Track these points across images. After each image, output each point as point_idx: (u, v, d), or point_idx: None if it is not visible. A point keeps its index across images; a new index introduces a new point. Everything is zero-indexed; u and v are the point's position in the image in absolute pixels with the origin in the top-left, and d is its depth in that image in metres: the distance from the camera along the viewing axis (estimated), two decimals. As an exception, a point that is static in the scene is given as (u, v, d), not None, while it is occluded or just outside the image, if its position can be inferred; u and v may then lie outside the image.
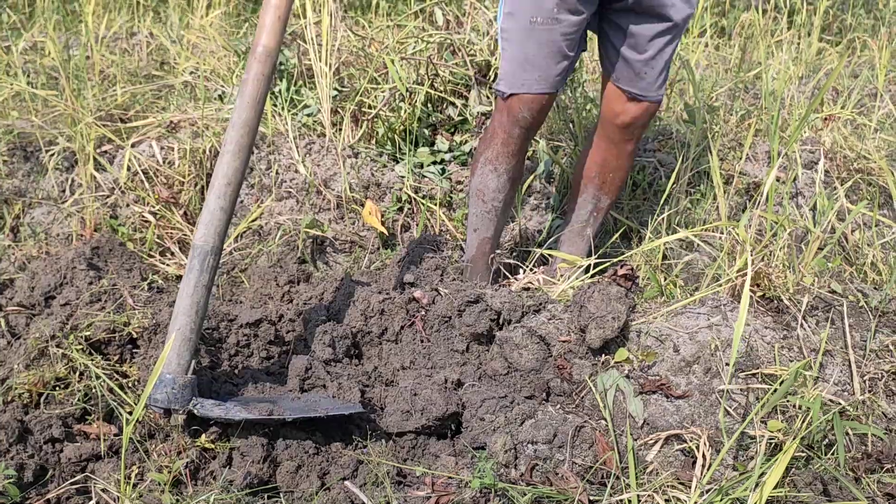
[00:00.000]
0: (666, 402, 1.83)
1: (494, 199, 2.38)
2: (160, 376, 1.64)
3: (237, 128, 1.76)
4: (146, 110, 3.08)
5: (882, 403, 1.86)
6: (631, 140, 2.33)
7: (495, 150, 2.31)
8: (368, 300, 2.17)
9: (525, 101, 2.19)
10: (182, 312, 1.69)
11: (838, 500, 1.65)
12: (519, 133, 2.26)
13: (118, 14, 4.48)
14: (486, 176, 2.36)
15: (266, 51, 1.77)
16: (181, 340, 1.67)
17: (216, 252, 1.74)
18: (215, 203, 1.75)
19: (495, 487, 1.63)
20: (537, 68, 2.15)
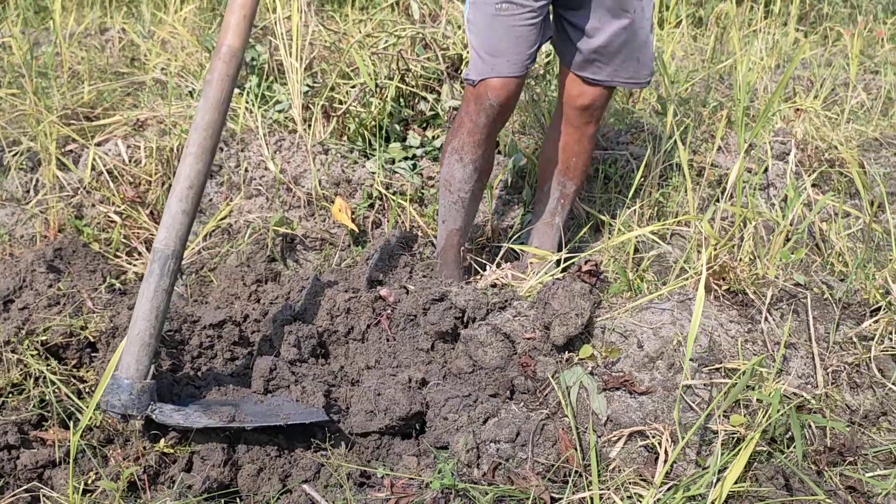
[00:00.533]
0: (629, 398, 1.82)
1: (461, 189, 2.36)
2: (117, 381, 1.62)
3: (200, 130, 1.72)
4: (115, 108, 3.05)
5: (845, 396, 1.86)
6: (591, 122, 2.33)
7: (461, 139, 2.30)
8: (335, 299, 2.16)
9: (493, 86, 2.16)
10: (141, 317, 1.67)
11: (800, 494, 1.65)
12: (485, 122, 2.24)
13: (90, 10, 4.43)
14: (452, 166, 2.35)
15: (231, 51, 1.74)
16: (140, 345, 1.65)
17: (177, 256, 1.72)
18: (177, 206, 1.72)
19: (456, 488, 1.62)
20: (504, 54, 2.13)
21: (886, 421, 1.86)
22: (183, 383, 1.86)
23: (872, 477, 1.73)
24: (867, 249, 2.28)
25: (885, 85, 3.68)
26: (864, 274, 2.10)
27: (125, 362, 1.64)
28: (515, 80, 2.17)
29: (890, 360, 1.92)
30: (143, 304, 1.67)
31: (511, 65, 2.14)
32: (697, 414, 1.78)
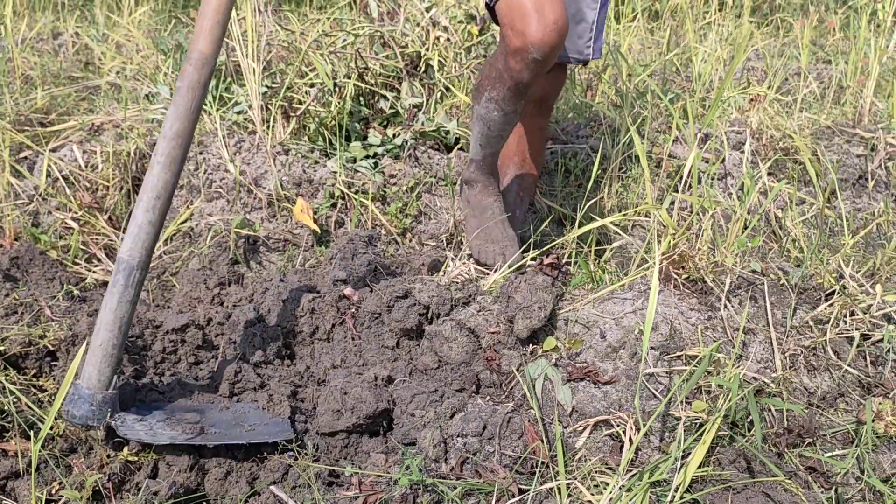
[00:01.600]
0: (594, 388, 1.84)
1: (502, 129, 2.18)
2: (78, 391, 1.60)
3: (168, 139, 1.69)
4: (69, 113, 3.01)
5: (803, 379, 1.91)
6: (543, 115, 2.32)
7: (502, 92, 2.07)
8: (298, 299, 2.15)
9: None
10: (104, 328, 1.64)
11: (761, 476, 1.68)
12: (529, 79, 1.98)
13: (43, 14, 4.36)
14: (490, 112, 2.13)
15: (202, 57, 1.69)
16: (102, 356, 1.63)
17: (143, 267, 1.69)
18: (143, 216, 1.69)
19: (424, 483, 1.63)
20: None
21: (843, 402, 1.91)
22: (146, 389, 1.85)
23: (831, 457, 1.77)
24: (821, 235, 2.33)
25: (836, 74, 3.76)
26: (819, 259, 2.15)
27: (87, 372, 1.62)
28: None
29: (845, 342, 1.97)
30: (107, 314, 1.65)
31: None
32: (660, 401, 1.81)
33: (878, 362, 1.96)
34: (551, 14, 1.86)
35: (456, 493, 1.63)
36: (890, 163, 3.13)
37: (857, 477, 1.74)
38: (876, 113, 3.43)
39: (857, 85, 3.57)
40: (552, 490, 1.64)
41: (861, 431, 1.80)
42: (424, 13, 3.38)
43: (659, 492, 1.62)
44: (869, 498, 1.69)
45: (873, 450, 1.79)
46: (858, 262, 2.24)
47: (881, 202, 2.95)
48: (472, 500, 1.64)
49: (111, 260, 2.52)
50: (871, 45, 3.58)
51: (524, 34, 1.88)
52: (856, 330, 1.96)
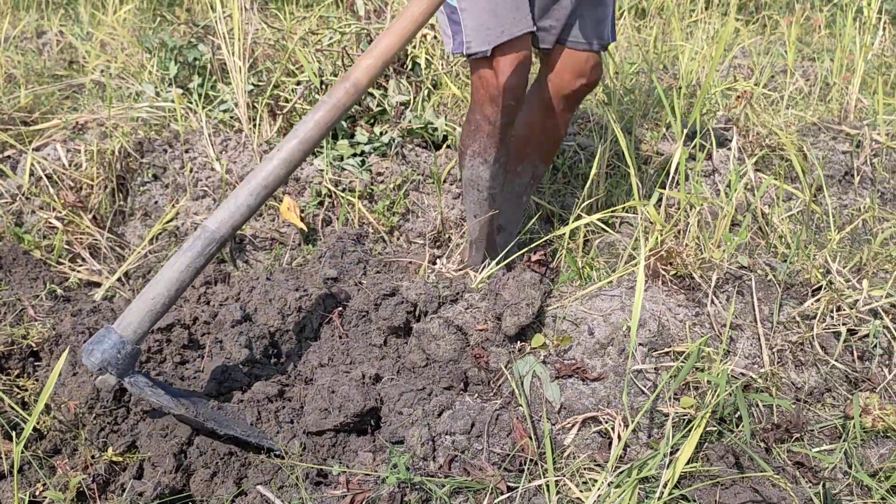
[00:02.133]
0: (582, 385, 1.84)
1: (490, 187, 2.31)
2: (109, 334, 1.59)
3: (298, 140, 1.75)
4: (53, 112, 2.98)
5: (790, 374, 1.91)
6: (571, 110, 2.34)
7: (482, 142, 2.23)
8: (285, 298, 2.14)
9: (509, 53, 2.05)
10: (163, 284, 1.64)
11: (749, 471, 1.68)
12: (504, 122, 2.17)
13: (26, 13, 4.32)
14: (477, 168, 2.28)
15: (356, 87, 1.78)
16: (148, 310, 1.63)
17: (222, 243, 1.72)
18: (245, 199, 1.72)
19: (412, 481, 1.62)
20: (510, 10, 2.04)
21: (830, 397, 1.91)
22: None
23: (819, 452, 1.78)
24: (807, 231, 2.34)
25: (822, 71, 3.77)
26: (805, 255, 2.15)
27: (127, 320, 1.61)
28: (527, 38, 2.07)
29: (832, 337, 1.97)
30: (170, 272, 1.65)
31: (518, 22, 2.04)
32: (648, 397, 1.81)
33: (864, 357, 1.97)
34: (522, 66, 2.07)
35: (444, 491, 1.62)
36: (875, 159, 3.14)
37: (845, 471, 1.74)
38: (861, 109, 3.44)
39: (842, 82, 3.59)
40: (541, 487, 1.64)
41: (848, 426, 1.80)
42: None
43: (647, 488, 1.61)
44: (857, 492, 1.70)
45: (861, 444, 1.79)
46: (845, 257, 2.25)
47: (867, 198, 2.96)
48: (460, 498, 1.63)
49: (95, 259, 2.50)
50: (857, 42, 3.60)
51: (502, 84, 2.07)
52: (842, 325, 1.97)
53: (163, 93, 3.08)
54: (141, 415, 1.77)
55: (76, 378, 1.72)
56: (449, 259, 2.55)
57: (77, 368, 1.73)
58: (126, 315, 1.61)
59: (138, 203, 2.70)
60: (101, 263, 2.50)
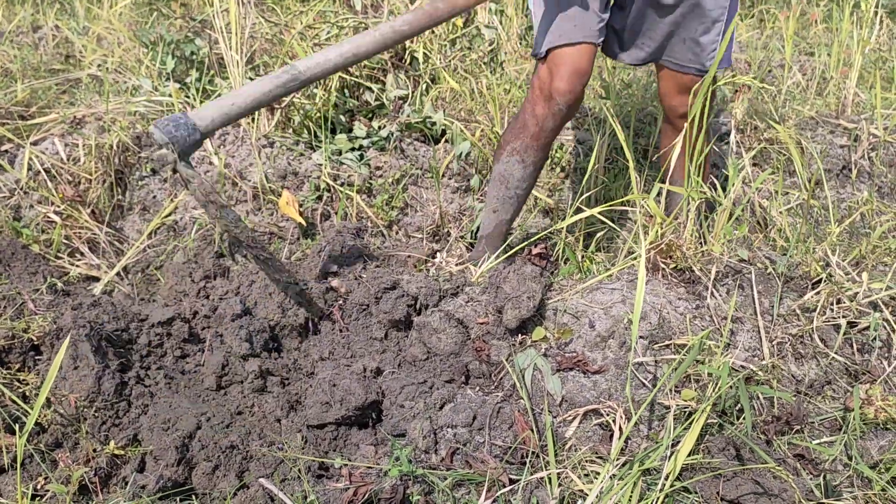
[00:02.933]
0: (583, 377, 1.84)
1: (518, 186, 2.31)
2: (185, 117, 1.70)
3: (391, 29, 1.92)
4: (50, 106, 2.97)
5: (791, 366, 1.91)
6: (682, 119, 2.32)
7: (524, 142, 2.24)
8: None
9: (565, 58, 2.07)
10: (242, 95, 1.78)
11: (750, 463, 1.69)
12: (552, 126, 2.18)
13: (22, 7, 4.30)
14: (511, 165, 2.28)
15: (452, 7, 1.97)
16: (224, 112, 1.76)
17: (300, 84, 1.86)
18: (334, 57, 1.87)
19: (414, 474, 1.62)
20: (572, 18, 2.07)
21: (830, 389, 1.92)
22: (132, 382, 1.82)
23: (819, 444, 1.78)
24: (806, 224, 2.34)
25: (819, 65, 3.77)
26: (805, 248, 2.16)
27: (203, 113, 1.74)
28: (587, 49, 2.09)
29: (832, 330, 1.98)
30: (253, 89, 1.81)
31: (580, 28, 2.07)
32: (649, 390, 1.81)
33: (864, 350, 1.98)
34: (577, 71, 2.09)
35: (446, 483, 1.62)
36: (873, 153, 3.15)
37: (845, 463, 1.75)
38: (859, 104, 3.45)
39: (840, 76, 3.59)
40: (543, 480, 1.64)
41: (848, 418, 1.81)
42: (408, 5, 3.37)
43: (649, 480, 1.62)
44: (857, 484, 1.70)
45: (860, 436, 1.80)
46: (844, 250, 2.25)
47: (865, 191, 2.97)
48: (462, 490, 1.64)
49: (94, 254, 2.50)
50: (854, 36, 3.60)
51: (553, 85, 2.10)
52: (842, 318, 1.97)
53: (160, 87, 3.07)
54: (142, 408, 1.77)
55: (77, 371, 1.71)
56: (448, 253, 2.55)
57: (78, 362, 1.72)
58: (203, 109, 1.75)
59: (137, 197, 2.69)
60: (99, 258, 2.49)
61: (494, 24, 3.60)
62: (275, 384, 1.95)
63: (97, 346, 1.79)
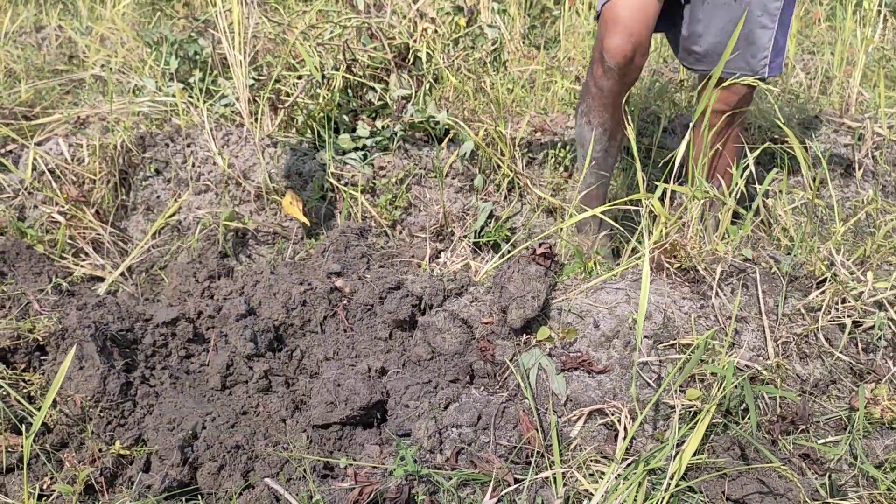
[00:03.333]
0: (587, 377, 1.84)
1: (593, 149, 2.39)
2: None
3: None
4: (54, 106, 2.97)
5: (795, 366, 1.91)
6: (729, 125, 2.37)
7: (588, 103, 2.33)
8: (290, 292, 2.14)
9: (615, 16, 2.10)
10: None
11: (755, 463, 1.69)
12: (609, 86, 2.22)
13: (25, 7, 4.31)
14: (582, 128, 2.39)
15: None
16: None
17: None
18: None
19: (419, 474, 1.62)
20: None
21: (836, 389, 1.91)
22: (137, 382, 1.83)
23: (824, 444, 1.78)
24: (811, 223, 2.34)
25: (823, 64, 3.77)
26: (809, 247, 2.16)
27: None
28: (639, 7, 2.10)
29: (837, 329, 1.98)
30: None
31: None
32: (654, 390, 1.81)
33: (869, 349, 1.97)
34: (626, 30, 2.11)
35: (451, 483, 1.62)
36: (877, 152, 3.14)
37: (851, 463, 1.75)
38: (862, 102, 3.44)
39: (843, 75, 3.59)
40: (548, 479, 1.64)
41: (854, 418, 1.81)
42: (411, 4, 3.36)
43: (654, 480, 1.62)
44: (862, 483, 1.70)
45: (866, 436, 1.80)
46: (849, 249, 2.25)
47: (869, 190, 2.97)
48: (467, 490, 1.64)
49: (98, 254, 2.50)
50: (857, 35, 3.59)
51: (603, 43, 2.15)
52: (847, 317, 1.97)
53: (164, 87, 3.07)
54: (147, 408, 1.77)
55: (82, 372, 1.72)
56: (452, 253, 2.55)
57: (83, 362, 1.73)
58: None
59: (141, 197, 2.69)
60: (104, 258, 2.50)
61: (497, 24, 3.60)
62: (279, 384, 1.96)
63: (102, 347, 1.79)
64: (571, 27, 4.01)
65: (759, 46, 2.25)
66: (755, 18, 2.21)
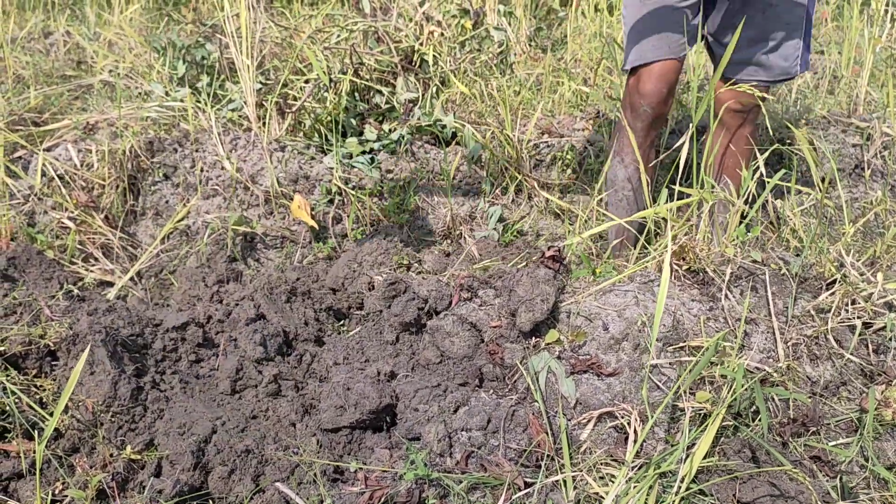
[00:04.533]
0: (597, 380, 1.84)
1: (623, 188, 2.47)
2: None
3: None
4: (63, 112, 2.98)
5: (806, 368, 1.91)
6: (743, 124, 2.42)
7: (621, 142, 2.43)
8: (299, 296, 2.14)
9: (648, 74, 2.28)
10: None
11: (766, 465, 1.68)
12: (641, 126, 2.36)
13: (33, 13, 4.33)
14: (614, 167, 2.47)
15: None
16: None
17: None
18: None
19: (429, 477, 1.62)
20: (653, 38, 2.25)
21: (846, 390, 1.91)
22: (148, 387, 1.83)
23: (835, 446, 1.77)
24: (820, 224, 2.33)
25: (830, 64, 3.76)
26: (819, 248, 2.15)
27: None
28: (665, 64, 2.27)
29: (847, 331, 1.97)
30: None
31: (658, 48, 2.25)
32: (664, 392, 1.81)
33: (879, 350, 1.97)
34: (661, 78, 2.29)
35: (462, 487, 1.62)
36: (886, 152, 3.13)
37: (862, 465, 1.74)
38: (871, 102, 3.43)
39: (851, 75, 3.58)
40: (558, 483, 1.64)
41: (864, 420, 1.80)
42: (417, 8, 3.37)
43: (665, 483, 1.62)
44: (874, 485, 1.70)
45: (877, 438, 1.79)
46: (858, 250, 2.24)
47: (878, 191, 2.96)
48: (477, 493, 1.64)
49: (108, 259, 2.51)
50: (864, 34, 3.58)
51: (638, 89, 2.32)
52: (857, 318, 1.97)
53: (172, 92, 3.09)
54: (158, 413, 1.78)
55: (93, 377, 1.72)
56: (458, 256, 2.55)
57: (94, 367, 1.73)
58: None
59: (149, 202, 2.70)
60: (113, 263, 2.51)
61: (503, 26, 3.61)
62: (289, 388, 1.96)
63: (113, 352, 1.80)
64: (578, 29, 4.00)
65: (788, 51, 2.32)
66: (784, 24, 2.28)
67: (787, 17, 2.27)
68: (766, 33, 2.29)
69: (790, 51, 2.32)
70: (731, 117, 2.42)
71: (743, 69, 2.35)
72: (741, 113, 2.40)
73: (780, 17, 2.27)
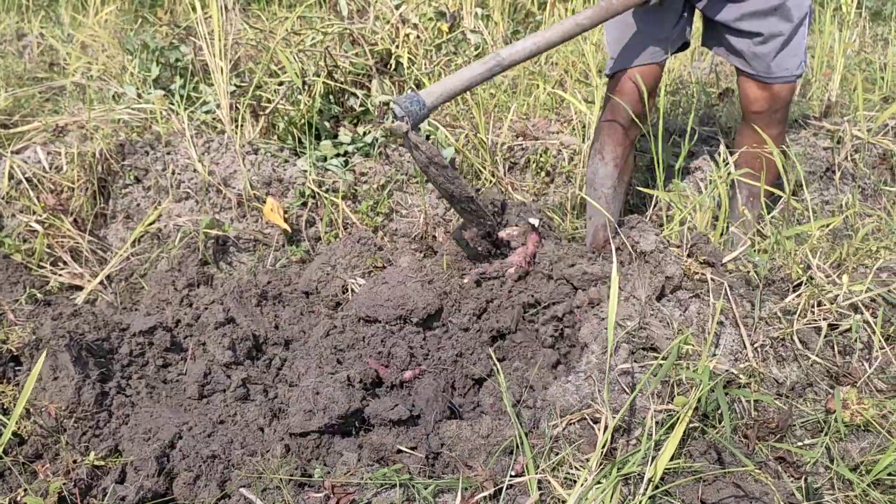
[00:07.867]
0: (566, 382, 1.84)
1: (602, 185, 2.48)
2: (418, 96, 1.95)
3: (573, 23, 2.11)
4: (34, 114, 2.96)
5: (772, 369, 1.92)
6: (770, 125, 2.43)
7: (601, 139, 2.46)
8: (270, 300, 2.13)
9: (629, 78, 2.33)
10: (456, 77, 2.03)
11: (732, 467, 1.69)
12: (621, 126, 2.41)
13: (6, 14, 4.29)
14: (594, 164, 2.49)
15: None
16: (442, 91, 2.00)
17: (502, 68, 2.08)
18: (530, 45, 2.09)
19: (398, 481, 1.62)
20: (633, 43, 2.30)
21: (812, 392, 1.92)
22: (113, 392, 1.82)
23: (800, 447, 1.79)
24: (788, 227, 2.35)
25: (803, 68, 3.79)
26: (786, 251, 2.16)
27: (428, 91, 1.99)
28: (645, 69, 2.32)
29: (812, 332, 1.98)
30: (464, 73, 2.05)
31: (637, 55, 2.31)
32: (630, 395, 1.81)
33: (845, 352, 1.98)
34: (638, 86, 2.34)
35: (429, 491, 1.62)
36: (856, 155, 3.16)
37: (827, 466, 1.75)
38: (842, 106, 3.46)
39: (822, 78, 3.61)
40: (524, 485, 1.64)
41: (830, 421, 1.81)
42: (394, 10, 3.37)
43: (631, 485, 1.62)
44: (838, 486, 1.71)
45: (842, 439, 1.80)
46: (825, 253, 2.26)
47: (848, 194, 2.98)
48: (447, 496, 1.63)
49: (77, 263, 2.49)
50: (836, 38, 3.62)
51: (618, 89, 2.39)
52: (823, 320, 1.98)
53: (144, 94, 3.06)
54: (123, 418, 1.76)
55: (57, 382, 1.71)
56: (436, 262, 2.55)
57: (57, 372, 1.72)
58: (430, 88, 2.01)
59: (120, 206, 2.68)
60: (82, 267, 2.49)
61: (480, 29, 3.61)
62: (258, 392, 1.95)
63: (77, 356, 1.78)
64: (554, 32, 4.01)
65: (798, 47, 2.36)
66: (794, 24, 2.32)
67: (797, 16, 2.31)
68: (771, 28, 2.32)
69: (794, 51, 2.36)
70: (753, 118, 2.45)
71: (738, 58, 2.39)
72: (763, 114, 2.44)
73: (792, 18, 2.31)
